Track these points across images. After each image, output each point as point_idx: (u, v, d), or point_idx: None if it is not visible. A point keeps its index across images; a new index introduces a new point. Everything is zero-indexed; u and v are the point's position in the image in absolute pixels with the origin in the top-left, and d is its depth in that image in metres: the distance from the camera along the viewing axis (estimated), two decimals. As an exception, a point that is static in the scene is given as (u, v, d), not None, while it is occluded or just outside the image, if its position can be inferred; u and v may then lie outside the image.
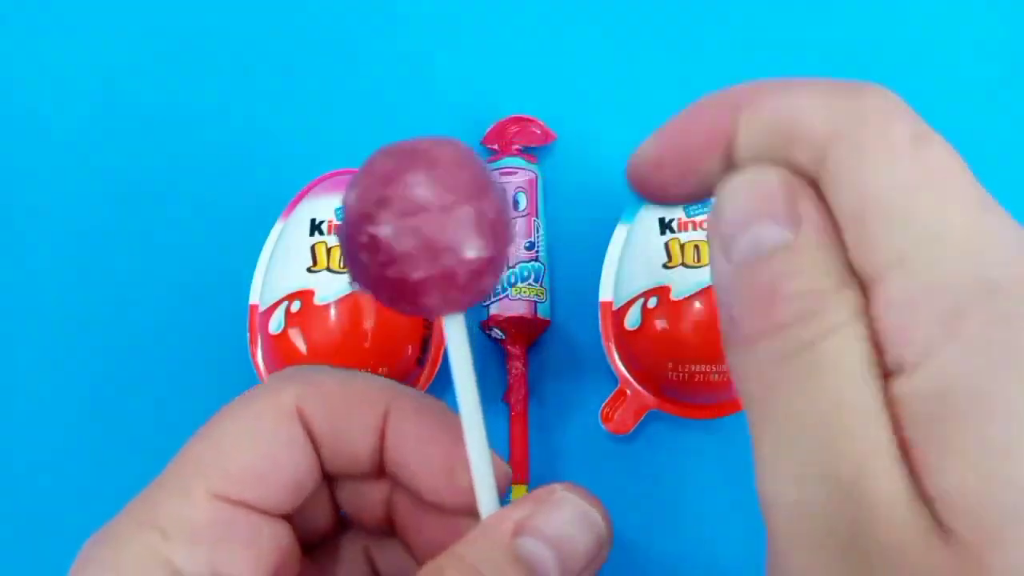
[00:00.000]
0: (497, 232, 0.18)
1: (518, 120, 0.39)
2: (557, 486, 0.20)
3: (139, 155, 0.39)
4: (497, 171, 0.38)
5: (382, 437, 0.21)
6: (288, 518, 0.21)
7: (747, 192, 0.16)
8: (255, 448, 0.20)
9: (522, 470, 0.36)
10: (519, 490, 0.36)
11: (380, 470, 0.22)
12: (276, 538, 0.20)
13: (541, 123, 0.39)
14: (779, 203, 0.15)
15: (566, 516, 0.20)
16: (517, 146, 0.39)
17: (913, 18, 0.43)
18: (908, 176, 0.14)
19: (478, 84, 0.41)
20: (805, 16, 0.42)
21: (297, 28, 0.41)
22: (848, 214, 0.15)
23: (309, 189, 0.36)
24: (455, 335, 0.19)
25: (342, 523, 0.24)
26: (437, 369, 0.36)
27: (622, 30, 0.42)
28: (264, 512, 0.20)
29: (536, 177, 0.38)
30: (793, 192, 0.15)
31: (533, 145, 0.39)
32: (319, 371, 0.22)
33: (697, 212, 0.35)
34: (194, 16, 0.41)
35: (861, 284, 0.15)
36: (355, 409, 0.21)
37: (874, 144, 0.15)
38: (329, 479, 0.22)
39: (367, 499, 0.23)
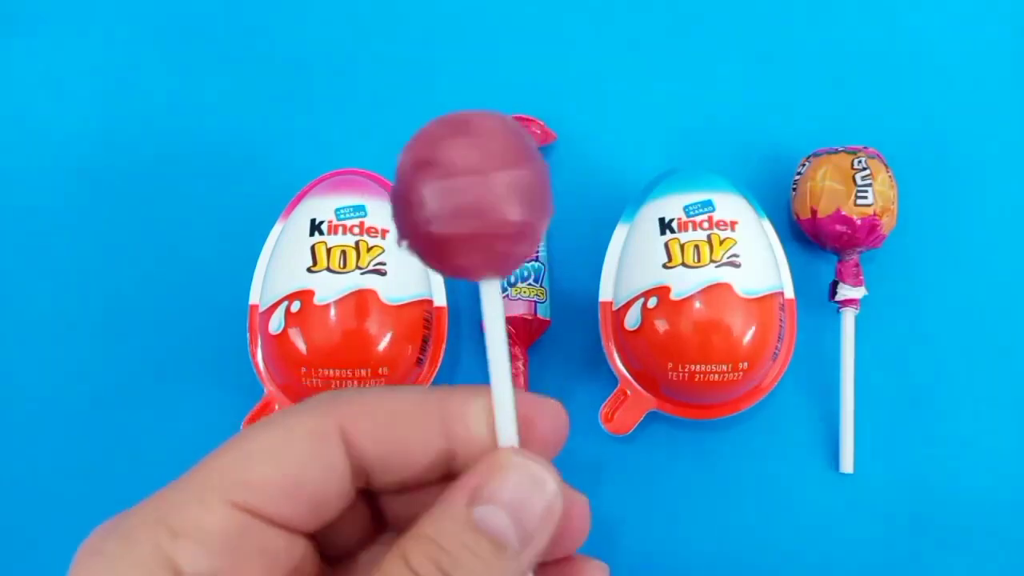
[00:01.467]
0: (534, 199, 0.19)
1: (518, 120, 0.39)
2: (507, 450, 0.21)
3: (139, 155, 0.39)
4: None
5: (446, 438, 0.21)
6: (313, 534, 0.21)
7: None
8: (282, 463, 0.20)
9: (522, 470, 0.36)
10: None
11: (446, 473, 0.22)
12: (291, 554, 0.20)
13: (541, 123, 0.39)
14: None
15: (518, 480, 0.20)
16: (517, 146, 0.39)
17: (913, 18, 0.43)
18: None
19: (478, 84, 0.41)
20: (805, 16, 0.42)
21: (297, 29, 0.41)
22: None
23: (309, 189, 0.36)
24: (490, 299, 0.20)
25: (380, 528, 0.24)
26: (437, 369, 0.36)
27: (622, 31, 0.42)
28: (283, 527, 0.20)
29: (536, 177, 0.38)
30: None
31: (533, 145, 0.39)
32: (363, 391, 0.22)
33: (698, 212, 0.35)
34: (195, 16, 0.41)
35: None
36: (407, 419, 0.21)
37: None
38: (374, 494, 0.22)
39: (425, 506, 0.22)
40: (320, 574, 0.21)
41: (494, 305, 0.20)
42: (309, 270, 0.33)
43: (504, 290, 0.36)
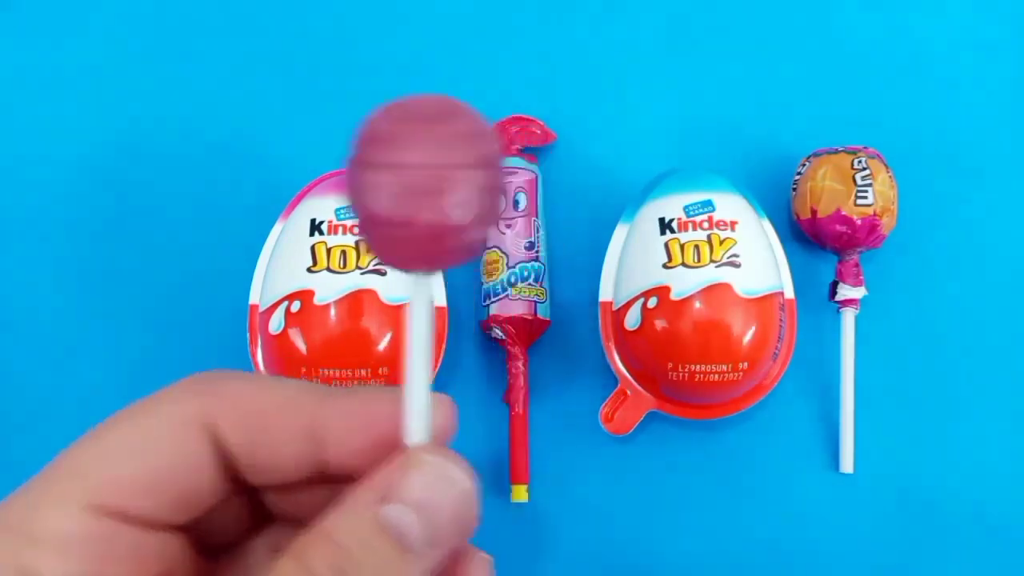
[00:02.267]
0: (483, 196, 0.18)
1: (518, 120, 0.39)
2: (419, 448, 0.20)
3: (139, 155, 0.39)
4: (497, 171, 0.38)
5: (316, 443, 0.20)
6: (187, 526, 0.19)
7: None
8: (142, 459, 0.18)
9: (522, 470, 0.36)
10: (519, 490, 0.36)
11: (319, 475, 0.21)
12: (162, 552, 0.19)
13: (541, 123, 0.39)
14: None
15: (428, 478, 0.19)
16: (517, 146, 0.39)
17: (913, 18, 0.43)
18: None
19: (478, 84, 0.41)
20: (805, 16, 0.42)
21: (298, 28, 0.41)
22: None
23: (309, 189, 0.36)
24: (420, 291, 0.20)
25: (265, 519, 0.22)
26: (437, 369, 0.36)
27: (622, 31, 0.42)
28: (149, 525, 0.18)
29: (536, 177, 0.38)
30: None
31: (533, 145, 0.39)
32: (234, 378, 0.20)
33: (698, 212, 0.35)
34: (195, 16, 0.41)
35: None
36: (276, 419, 0.20)
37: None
38: (251, 487, 0.21)
39: (305, 504, 0.21)
40: (201, 569, 0.20)
41: (423, 297, 0.20)
42: (309, 270, 0.34)
43: (504, 290, 0.36)
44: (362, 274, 0.33)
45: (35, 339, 0.38)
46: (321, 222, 0.34)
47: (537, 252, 0.37)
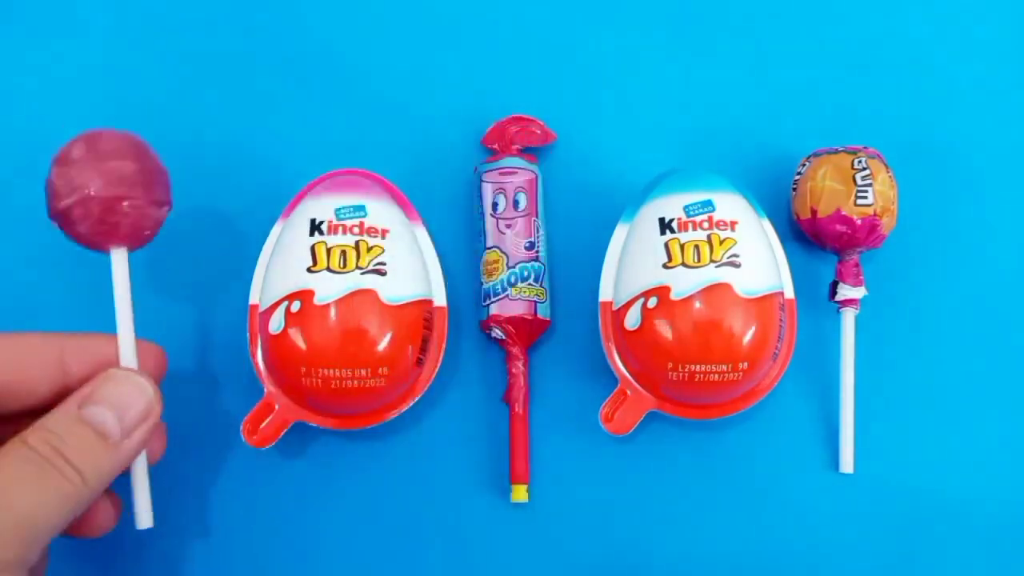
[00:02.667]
0: (134, 182, 0.29)
1: (518, 120, 0.39)
2: (116, 368, 0.29)
3: (139, 155, 0.39)
4: (497, 171, 0.38)
5: (63, 371, 0.29)
6: None
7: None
8: None
9: (522, 470, 0.36)
10: (519, 490, 0.36)
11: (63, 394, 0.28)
12: None
13: (541, 123, 0.39)
14: None
15: (121, 387, 0.28)
16: (517, 146, 0.39)
17: (913, 17, 0.43)
18: None
19: (478, 84, 0.41)
20: (805, 16, 0.42)
21: (297, 28, 0.41)
22: None
23: (309, 189, 0.36)
24: (118, 263, 0.30)
25: None
26: (437, 369, 0.36)
27: (622, 30, 0.42)
28: None
29: (536, 177, 0.38)
30: None
31: (533, 145, 0.39)
32: None
33: (698, 212, 0.35)
34: (195, 16, 0.41)
35: None
36: (32, 361, 0.28)
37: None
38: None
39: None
40: None
41: (122, 269, 0.30)
42: (309, 270, 0.33)
43: (504, 290, 0.36)
44: (362, 274, 0.33)
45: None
46: (321, 222, 0.34)
47: (537, 252, 0.37)
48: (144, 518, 0.31)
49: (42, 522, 0.25)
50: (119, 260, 0.30)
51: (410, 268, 0.35)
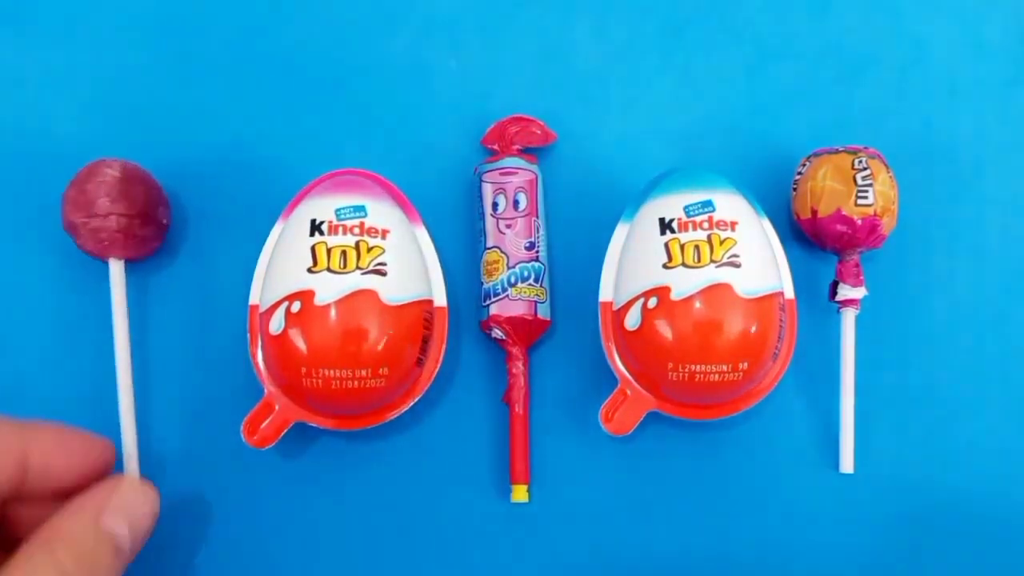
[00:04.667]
0: (128, 200, 0.35)
1: (518, 120, 0.39)
2: (121, 476, 0.29)
3: (139, 155, 0.38)
4: (497, 171, 0.38)
5: (22, 468, 0.27)
6: None
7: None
8: None
9: (522, 470, 0.36)
10: (519, 490, 0.36)
11: (14, 495, 0.28)
12: None
13: (541, 123, 0.39)
14: None
15: (134, 497, 0.28)
16: (517, 146, 0.39)
17: (914, 17, 0.43)
18: None
19: (478, 84, 0.41)
20: (806, 16, 0.42)
21: (297, 28, 0.41)
22: None
23: (309, 189, 0.36)
24: (114, 276, 0.35)
25: None
26: (438, 369, 0.36)
27: (622, 30, 0.42)
28: None
29: (536, 177, 0.38)
30: None
31: (533, 145, 0.39)
32: None
33: (698, 212, 0.35)
34: (194, 15, 0.41)
35: None
36: None
37: None
38: None
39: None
40: None
41: (119, 286, 0.35)
42: (309, 270, 0.33)
43: (504, 290, 0.36)
44: (362, 274, 0.33)
45: (35, 338, 0.38)
46: (321, 222, 0.34)
47: (537, 252, 0.37)
48: None
49: None
50: (116, 270, 0.35)
51: (410, 268, 0.35)
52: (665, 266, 0.34)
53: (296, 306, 0.33)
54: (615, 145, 0.41)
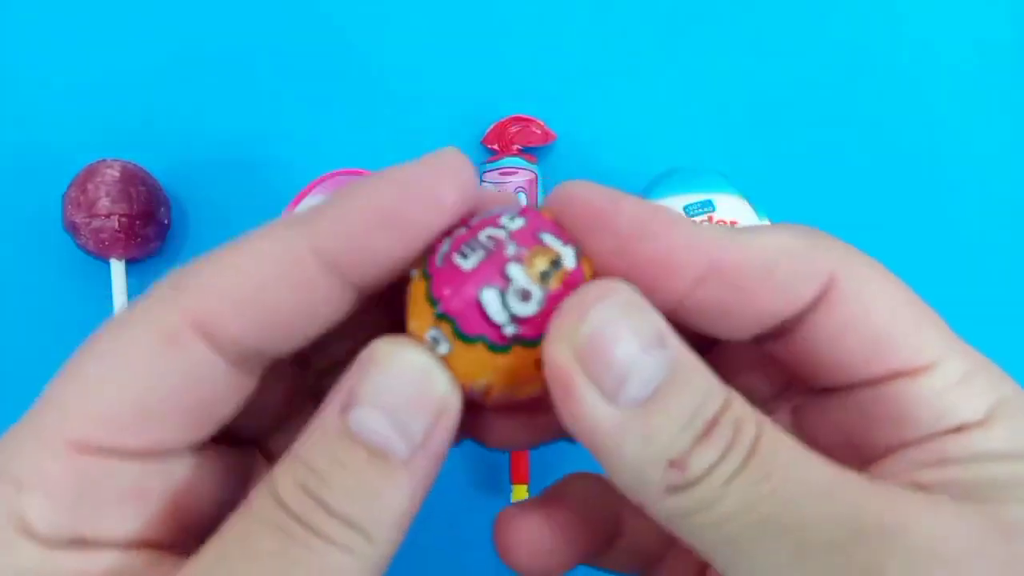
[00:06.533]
0: (128, 200, 0.35)
1: (518, 120, 0.39)
2: (381, 340, 0.16)
3: (139, 155, 0.39)
4: (497, 171, 0.38)
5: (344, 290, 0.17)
6: (209, 439, 0.17)
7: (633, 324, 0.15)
8: (129, 386, 0.16)
9: (522, 470, 0.36)
10: (519, 490, 0.36)
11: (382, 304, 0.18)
12: (169, 481, 0.16)
13: (541, 123, 0.39)
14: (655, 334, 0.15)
15: (397, 375, 0.16)
16: (517, 146, 0.39)
17: (914, 17, 0.43)
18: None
19: (478, 84, 0.41)
20: (806, 16, 0.42)
21: (298, 28, 0.41)
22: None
23: (309, 189, 0.36)
24: (115, 276, 0.36)
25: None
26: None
27: (622, 30, 0.42)
28: (154, 453, 0.16)
29: (536, 177, 0.38)
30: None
31: (533, 145, 0.39)
32: (219, 261, 0.18)
33: (698, 212, 0.35)
34: (195, 16, 0.41)
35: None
36: (286, 292, 0.17)
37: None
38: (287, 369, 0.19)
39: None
40: (218, 486, 0.17)
41: (120, 286, 0.36)
42: (309, 270, 0.33)
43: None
44: (362, 274, 0.33)
45: (36, 337, 0.38)
46: (321, 222, 0.34)
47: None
48: None
49: None
50: (118, 270, 0.36)
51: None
52: (665, 266, 0.34)
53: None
54: (615, 145, 0.41)
